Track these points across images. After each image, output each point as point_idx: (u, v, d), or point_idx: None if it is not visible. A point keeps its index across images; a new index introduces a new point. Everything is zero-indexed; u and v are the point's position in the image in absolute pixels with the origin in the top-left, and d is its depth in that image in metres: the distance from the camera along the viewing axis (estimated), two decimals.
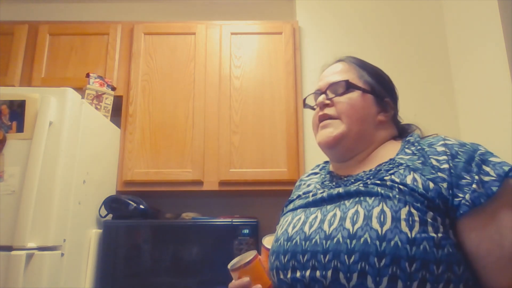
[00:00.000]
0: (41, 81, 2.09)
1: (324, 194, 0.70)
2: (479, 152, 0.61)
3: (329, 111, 0.76)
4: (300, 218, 0.70)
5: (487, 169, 0.58)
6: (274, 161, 1.99)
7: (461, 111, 2.14)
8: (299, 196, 0.79)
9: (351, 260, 0.55)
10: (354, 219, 0.58)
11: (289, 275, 0.63)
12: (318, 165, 0.90)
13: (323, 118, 0.77)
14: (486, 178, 0.57)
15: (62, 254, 1.46)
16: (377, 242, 0.54)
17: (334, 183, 0.74)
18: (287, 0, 2.60)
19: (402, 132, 0.82)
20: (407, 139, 0.74)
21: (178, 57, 2.15)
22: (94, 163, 1.76)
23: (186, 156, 2.00)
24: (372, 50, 2.27)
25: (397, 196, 0.58)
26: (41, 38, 2.16)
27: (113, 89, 2.03)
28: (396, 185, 0.60)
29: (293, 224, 0.70)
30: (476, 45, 1.98)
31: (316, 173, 0.87)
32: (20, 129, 1.47)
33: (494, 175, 0.57)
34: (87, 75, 1.97)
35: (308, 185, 0.83)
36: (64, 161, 1.49)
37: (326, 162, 0.89)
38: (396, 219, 0.55)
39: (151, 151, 2.01)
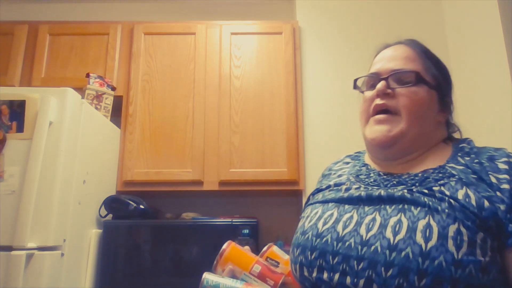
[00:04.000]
0: (41, 81, 2.09)
1: (362, 194, 0.64)
2: None
3: (390, 102, 0.67)
4: (332, 214, 0.64)
5: None
6: (274, 161, 1.99)
7: (461, 111, 2.13)
8: (329, 187, 0.72)
9: (388, 273, 0.51)
10: (396, 228, 0.54)
11: (314, 274, 0.59)
12: (349, 155, 0.82)
13: (381, 109, 0.68)
14: None
15: (62, 254, 1.46)
16: (420, 259, 0.50)
17: (372, 180, 0.68)
18: (287, 0, 2.60)
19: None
20: (460, 146, 0.67)
21: (178, 57, 2.15)
22: (94, 163, 1.76)
23: (186, 156, 2.00)
24: (372, 50, 2.26)
25: (446, 210, 0.53)
26: (41, 38, 2.16)
27: (113, 89, 2.03)
28: (447, 198, 0.55)
29: (324, 219, 0.64)
30: (476, 46, 1.98)
31: (347, 163, 0.79)
32: (20, 129, 1.47)
33: None
34: (87, 75, 1.97)
35: (340, 176, 0.75)
36: (64, 161, 1.49)
37: (358, 152, 0.81)
38: (443, 236, 0.51)
39: (151, 151, 2.01)
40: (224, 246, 0.77)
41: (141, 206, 1.83)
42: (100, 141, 1.84)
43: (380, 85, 0.68)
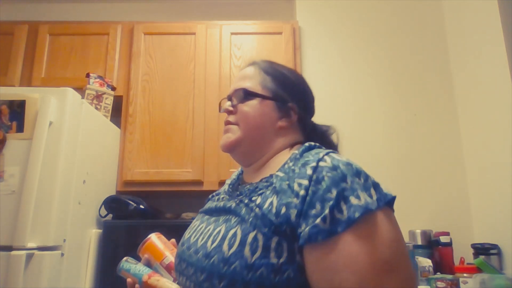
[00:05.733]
0: (41, 81, 2.09)
1: (213, 205, 0.74)
2: (343, 185, 0.56)
3: (231, 118, 0.79)
4: (195, 224, 0.75)
5: (343, 207, 0.54)
6: None
7: (461, 111, 2.14)
8: (212, 197, 0.83)
9: (201, 277, 0.59)
10: (214, 238, 0.62)
11: (180, 278, 0.69)
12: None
13: (226, 124, 0.79)
14: (338, 216, 0.54)
15: (62, 254, 1.46)
16: (221, 265, 0.57)
17: (231, 190, 0.78)
18: (287, 0, 2.60)
19: (315, 135, 0.79)
20: (293, 152, 0.70)
21: (178, 57, 2.15)
22: (94, 163, 1.76)
23: (186, 156, 2.00)
24: (372, 50, 2.27)
25: (250, 219, 0.59)
26: (41, 38, 2.16)
27: (113, 89, 2.03)
28: (255, 207, 0.61)
29: (190, 228, 0.76)
30: (476, 46, 1.98)
31: (239, 173, 0.88)
32: (20, 129, 1.47)
33: (345, 217, 0.54)
34: (87, 75, 1.97)
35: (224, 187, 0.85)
36: (64, 161, 1.49)
37: None
38: (242, 243, 0.57)
39: (151, 151, 2.01)
40: (148, 237, 0.90)
41: (141, 206, 1.83)
42: (100, 141, 1.84)
43: (226, 104, 0.81)
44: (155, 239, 0.91)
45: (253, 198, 0.63)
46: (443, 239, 1.84)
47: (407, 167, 2.10)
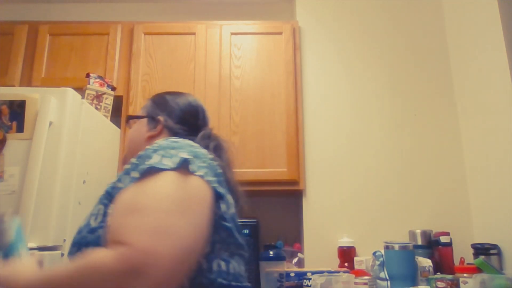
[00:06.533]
0: (41, 81, 2.09)
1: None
2: (153, 153, 0.68)
3: None
4: None
5: (140, 167, 0.67)
6: (274, 161, 1.99)
7: (461, 111, 2.14)
8: None
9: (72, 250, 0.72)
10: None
11: None
12: None
13: None
14: (132, 174, 0.68)
15: (62, 254, 1.46)
16: (76, 235, 0.72)
17: None
18: (287, 0, 2.60)
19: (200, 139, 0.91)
20: None
21: (178, 57, 2.15)
22: (94, 163, 1.75)
23: None
24: (372, 50, 2.27)
25: (102, 196, 0.74)
26: (41, 38, 2.16)
27: (113, 89, 2.03)
28: (107, 187, 0.76)
29: None
30: (476, 46, 1.98)
31: None
32: (20, 129, 1.47)
33: (138, 174, 0.66)
34: (87, 75, 1.97)
35: None
36: (64, 161, 1.49)
37: None
38: (91, 215, 0.72)
39: None
40: None
41: None
42: (100, 141, 1.84)
43: None
44: None
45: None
46: (443, 239, 1.84)
47: (407, 167, 2.10)
